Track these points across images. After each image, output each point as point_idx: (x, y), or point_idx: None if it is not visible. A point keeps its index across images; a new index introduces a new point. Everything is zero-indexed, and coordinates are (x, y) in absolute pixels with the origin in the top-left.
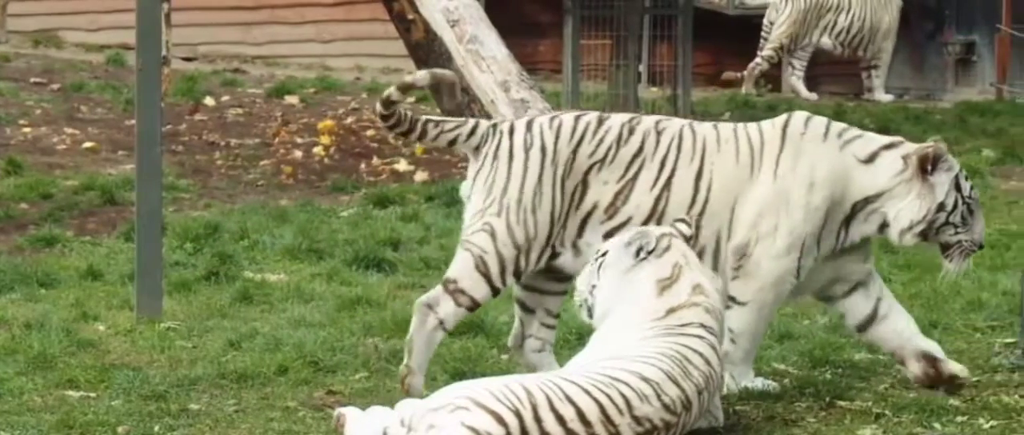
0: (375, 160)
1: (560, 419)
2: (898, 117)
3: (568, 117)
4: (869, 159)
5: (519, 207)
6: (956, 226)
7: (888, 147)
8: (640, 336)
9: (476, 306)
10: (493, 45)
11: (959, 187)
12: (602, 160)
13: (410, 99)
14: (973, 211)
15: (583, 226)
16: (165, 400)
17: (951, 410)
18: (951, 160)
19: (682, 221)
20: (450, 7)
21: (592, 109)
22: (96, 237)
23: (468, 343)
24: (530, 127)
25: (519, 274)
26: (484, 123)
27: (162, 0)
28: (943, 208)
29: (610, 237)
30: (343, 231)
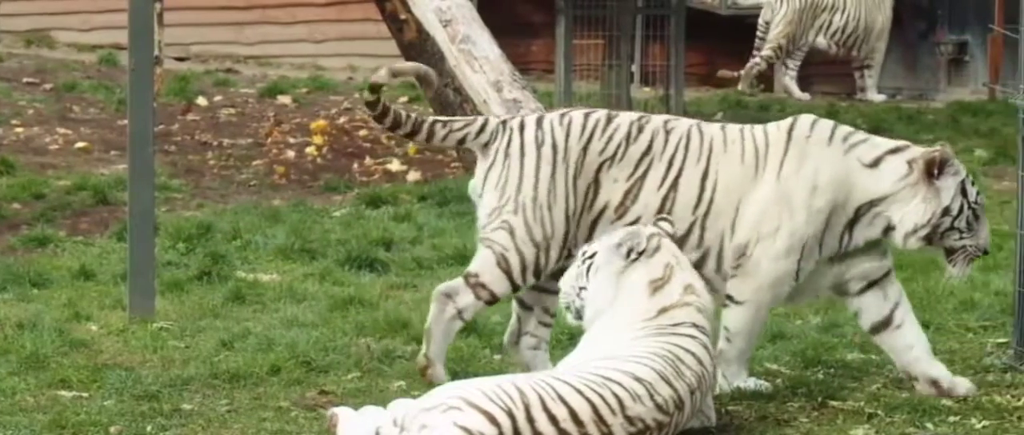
0: (368, 160)
1: (553, 419)
2: (891, 117)
3: (578, 114)
4: (874, 164)
5: (535, 204)
6: (961, 231)
7: (893, 152)
8: (632, 336)
9: (496, 301)
10: (486, 45)
11: (965, 192)
12: (612, 158)
13: (403, 98)
14: (978, 217)
15: (594, 226)
16: (158, 400)
17: (943, 410)
18: (958, 165)
19: (665, 220)
20: (443, 7)
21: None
22: (89, 237)
23: (461, 343)
24: (540, 124)
25: (539, 273)
26: (493, 120)
27: (154, 0)
28: (948, 212)
29: None
30: (336, 231)
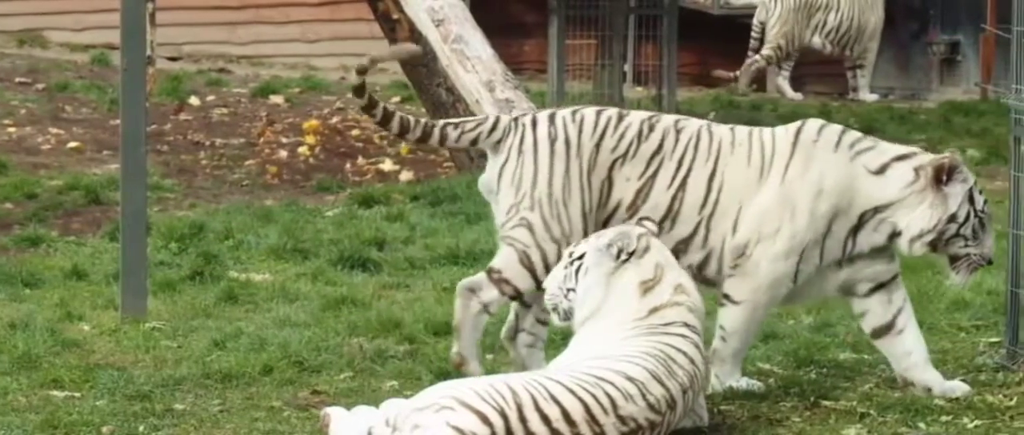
0: (360, 160)
1: (545, 419)
2: (883, 117)
3: (590, 111)
4: (880, 170)
5: (550, 201)
6: (966, 239)
7: (900, 158)
8: (623, 336)
9: (519, 296)
10: (478, 45)
11: (973, 200)
12: (624, 155)
13: (395, 99)
14: (985, 225)
15: (607, 224)
16: (150, 400)
17: (936, 410)
18: (966, 172)
19: (648, 219)
20: (435, 7)
21: None
22: (81, 237)
23: (454, 343)
24: (553, 120)
25: None
26: (504, 117)
27: (147, 0)
28: (954, 219)
29: None
30: (328, 231)
